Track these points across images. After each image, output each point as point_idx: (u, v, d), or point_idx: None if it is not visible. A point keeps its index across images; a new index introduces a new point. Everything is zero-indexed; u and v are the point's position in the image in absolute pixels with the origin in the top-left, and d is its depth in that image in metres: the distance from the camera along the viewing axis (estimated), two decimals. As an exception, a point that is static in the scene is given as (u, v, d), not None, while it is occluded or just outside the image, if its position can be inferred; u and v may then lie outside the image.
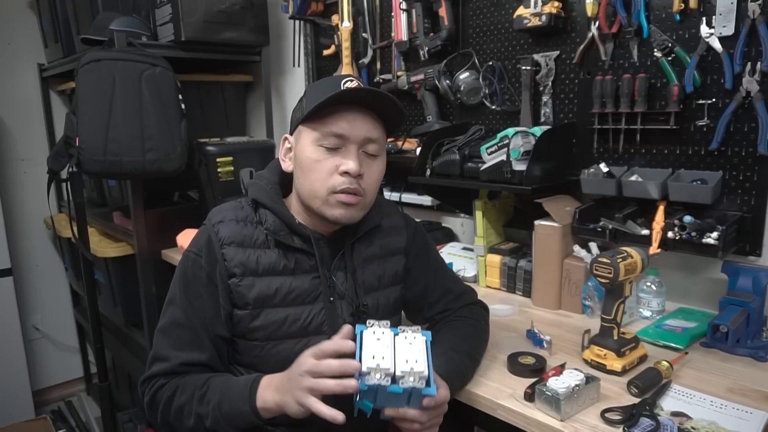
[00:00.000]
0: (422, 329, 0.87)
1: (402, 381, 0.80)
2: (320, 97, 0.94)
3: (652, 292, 1.30)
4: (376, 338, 0.84)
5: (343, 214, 0.98)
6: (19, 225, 2.76)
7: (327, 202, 0.97)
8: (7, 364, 2.60)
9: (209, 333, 0.99)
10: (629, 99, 1.34)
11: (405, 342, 0.85)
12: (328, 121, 0.96)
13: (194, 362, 0.99)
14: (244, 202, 1.05)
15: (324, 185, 0.97)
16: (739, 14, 1.19)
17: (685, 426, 0.86)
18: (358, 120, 0.97)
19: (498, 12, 1.63)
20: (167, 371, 0.99)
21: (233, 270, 0.99)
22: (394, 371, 0.80)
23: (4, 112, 2.69)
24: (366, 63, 2.01)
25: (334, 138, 0.96)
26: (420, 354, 0.82)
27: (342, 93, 0.94)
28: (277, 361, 0.99)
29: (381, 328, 0.86)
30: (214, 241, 1.00)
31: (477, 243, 1.58)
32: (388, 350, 0.82)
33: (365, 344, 0.83)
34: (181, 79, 1.87)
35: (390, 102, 0.98)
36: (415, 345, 0.84)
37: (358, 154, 0.97)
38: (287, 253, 1.01)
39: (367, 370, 0.80)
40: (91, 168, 1.73)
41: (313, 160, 0.97)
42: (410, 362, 0.81)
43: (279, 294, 0.99)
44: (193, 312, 0.99)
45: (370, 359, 0.81)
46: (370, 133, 0.98)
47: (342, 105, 0.96)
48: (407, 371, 0.80)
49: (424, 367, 0.80)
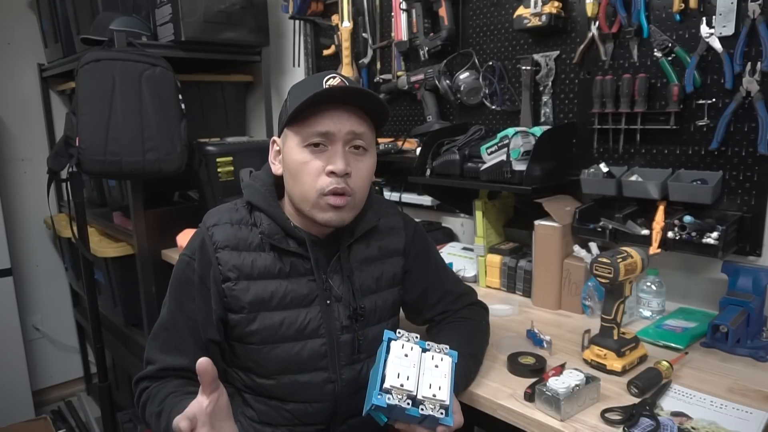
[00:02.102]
0: (449, 348, 0.86)
1: (422, 406, 0.79)
2: (302, 97, 0.92)
3: (652, 292, 1.30)
4: (404, 353, 0.83)
5: (333, 217, 0.96)
6: (19, 225, 2.76)
7: (317, 205, 0.96)
8: (7, 364, 2.60)
9: (199, 337, 0.99)
10: (629, 99, 1.34)
11: (431, 363, 0.83)
12: (311, 121, 0.94)
13: (175, 367, 0.98)
14: (240, 204, 1.04)
15: (312, 188, 0.95)
16: (739, 14, 1.19)
17: (685, 426, 0.86)
18: (342, 117, 0.94)
19: (498, 12, 1.63)
20: (151, 375, 0.99)
21: (228, 274, 0.98)
22: (416, 394, 0.79)
23: (4, 112, 2.69)
24: (366, 63, 2.01)
25: (318, 137, 0.94)
26: (444, 380, 0.81)
27: (321, 92, 0.92)
28: (274, 364, 0.99)
29: (410, 342, 0.85)
30: (209, 245, 0.99)
31: (477, 243, 1.58)
32: (414, 370, 0.81)
33: (391, 358, 0.82)
34: (181, 79, 1.87)
35: (371, 97, 0.96)
36: (441, 368, 0.83)
37: (345, 153, 0.95)
38: (282, 257, 1.00)
39: (390, 388, 0.79)
40: (91, 168, 1.73)
41: (299, 163, 0.96)
42: (433, 388, 0.80)
43: (275, 297, 0.99)
44: (182, 315, 0.99)
45: (395, 377, 0.79)
46: (354, 127, 0.95)
47: (325, 104, 0.94)
48: (429, 398, 0.79)
49: (446, 396, 0.80)
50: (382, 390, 0.79)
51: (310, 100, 0.91)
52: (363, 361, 1.04)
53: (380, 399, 0.78)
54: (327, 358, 1.00)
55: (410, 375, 0.80)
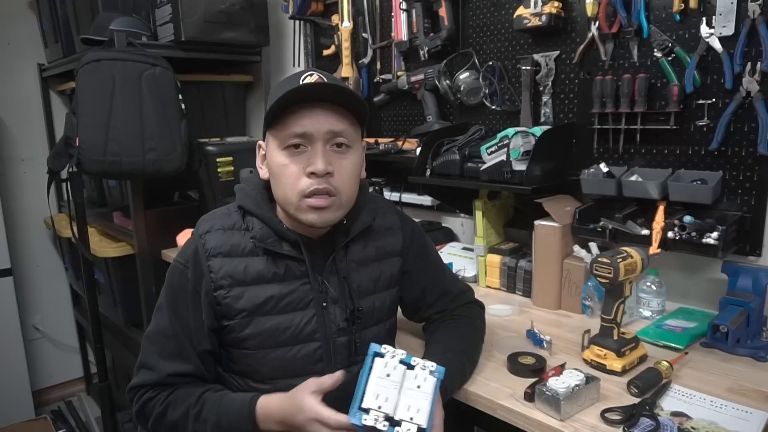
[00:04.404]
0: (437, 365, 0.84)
1: (398, 428, 0.78)
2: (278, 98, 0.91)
3: (652, 292, 1.30)
4: (386, 373, 0.82)
5: (316, 218, 0.94)
6: (19, 225, 2.76)
7: (299, 208, 0.94)
8: (7, 364, 2.60)
9: (195, 345, 0.98)
10: (629, 99, 1.34)
11: (414, 383, 0.82)
12: (289, 122, 0.92)
13: (180, 373, 0.98)
14: (232, 209, 1.03)
15: (294, 190, 0.93)
16: (739, 14, 1.18)
17: (685, 426, 0.86)
18: (320, 115, 0.92)
19: (498, 12, 1.63)
20: (154, 382, 0.98)
21: (220, 282, 0.96)
22: (394, 415, 0.79)
23: (4, 112, 2.69)
24: (366, 63, 2.01)
25: (297, 138, 0.92)
26: (424, 402, 0.80)
27: (293, 91, 0.89)
28: (270, 369, 0.99)
29: (394, 360, 0.84)
30: (201, 253, 0.97)
31: (477, 243, 1.58)
32: (394, 390, 0.81)
33: (373, 377, 0.82)
34: (181, 79, 1.87)
35: (346, 93, 0.93)
36: (423, 388, 0.82)
37: (325, 152, 0.93)
38: (277, 260, 0.98)
39: (366, 408, 0.79)
40: (91, 168, 1.73)
41: (280, 166, 0.94)
42: (412, 410, 0.79)
43: (269, 302, 0.97)
44: (179, 323, 0.98)
45: (373, 398, 0.79)
46: (333, 126, 0.92)
47: (302, 103, 0.91)
48: (406, 420, 0.79)
49: (423, 420, 0.79)
50: (360, 409, 0.79)
51: (282, 100, 0.90)
52: (360, 363, 1.03)
53: (357, 417, 0.78)
54: (323, 361, 0.99)
55: (389, 396, 0.80)
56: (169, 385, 0.98)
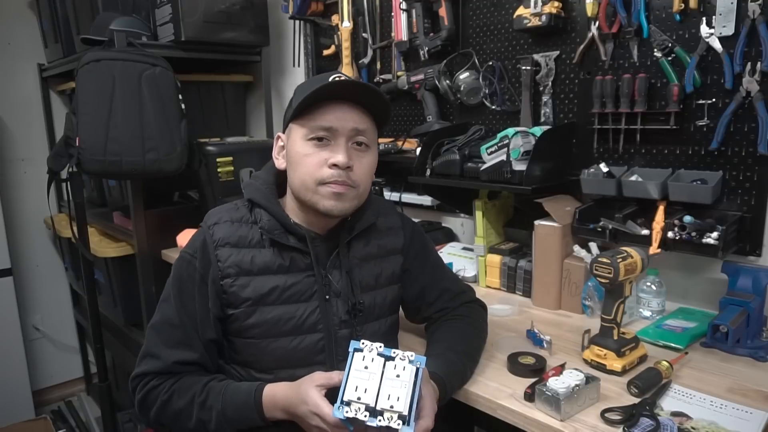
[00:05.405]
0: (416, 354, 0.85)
1: (380, 417, 0.79)
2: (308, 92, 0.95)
3: (652, 292, 1.30)
4: (364, 366, 0.84)
5: (335, 205, 0.98)
6: (19, 225, 2.76)
7: (317, 192, 0.97)
8: (7, 364, 2.59)
9: (200, 333, 1.00)
10: (629, 99, 1.34)
11: (393, 372, 0.83)
12: (316, 115, 0.97)
13: (186, 361, 1.00)
14: (240, 203, 1.06)
15: (313, 177, 0.97)
16: (739, 14, 1.19)
17: (685, 426, 0.86)
18: (346, 113, 0.97)
19: (498, 12, 1.63)
20: (159, 370, 1.00)
21: (227, 271, 0.99)
22: (375, 405, 0.80)
23: (4, 112, 2.68)
24: (366, 63, 2.01)
25: (322, 131, 0.97)
26: (403, 390, 0.81)
27: (326, 87, 0.95)
28: (272, 359, 1.00)
29: (372, 353, 0.85)
30: (209, 243, 1.00)
31: (477, 243, 1.58)
32: (373, 381, 0.82)
33: (352, 371, 0.83)
34: (181, 79, 1.87)
35: (375, 94, 0.99)
36: (402, 377, 0.83)
37: (347, 147, 0.97)
38: (282, 252, 1.01)
39: (347, 401, 0.80)
40: (91, 168, 1.73)
41: (303, 155, 0.98)
42: (392, 398, 0.80)
43: (274, 292, 1.00)
44: (186, 313, 1.00)
45: (353, 390, 0.81)
46: (358, 124, 0.98)
47: (330, 100, 0.97)
48: (387, 409, 0.80)
49: (404, 406, 0.80)
50: (342, 402, 0.81)
51: (315, 93, 0.94)
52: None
53: (339, 411, 0.80)
54: (324, 352, 1.01)
55: (369, 387, 0.81)
56: (175, 373, 1.00)
